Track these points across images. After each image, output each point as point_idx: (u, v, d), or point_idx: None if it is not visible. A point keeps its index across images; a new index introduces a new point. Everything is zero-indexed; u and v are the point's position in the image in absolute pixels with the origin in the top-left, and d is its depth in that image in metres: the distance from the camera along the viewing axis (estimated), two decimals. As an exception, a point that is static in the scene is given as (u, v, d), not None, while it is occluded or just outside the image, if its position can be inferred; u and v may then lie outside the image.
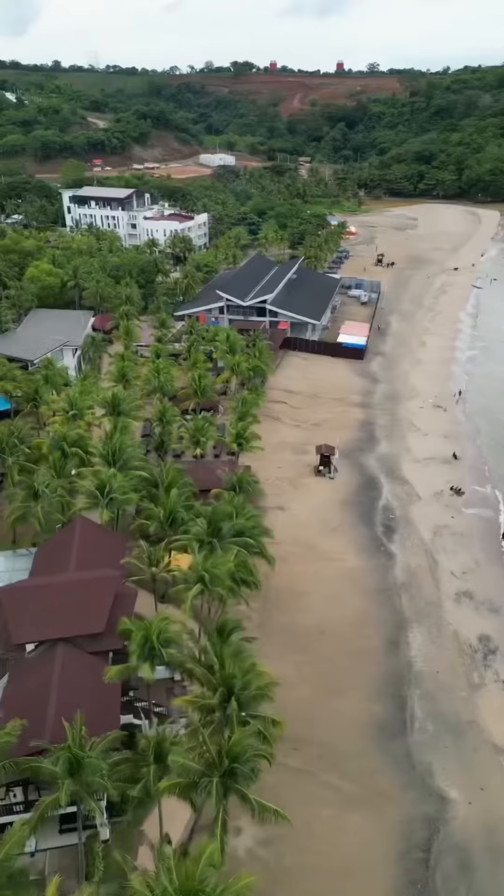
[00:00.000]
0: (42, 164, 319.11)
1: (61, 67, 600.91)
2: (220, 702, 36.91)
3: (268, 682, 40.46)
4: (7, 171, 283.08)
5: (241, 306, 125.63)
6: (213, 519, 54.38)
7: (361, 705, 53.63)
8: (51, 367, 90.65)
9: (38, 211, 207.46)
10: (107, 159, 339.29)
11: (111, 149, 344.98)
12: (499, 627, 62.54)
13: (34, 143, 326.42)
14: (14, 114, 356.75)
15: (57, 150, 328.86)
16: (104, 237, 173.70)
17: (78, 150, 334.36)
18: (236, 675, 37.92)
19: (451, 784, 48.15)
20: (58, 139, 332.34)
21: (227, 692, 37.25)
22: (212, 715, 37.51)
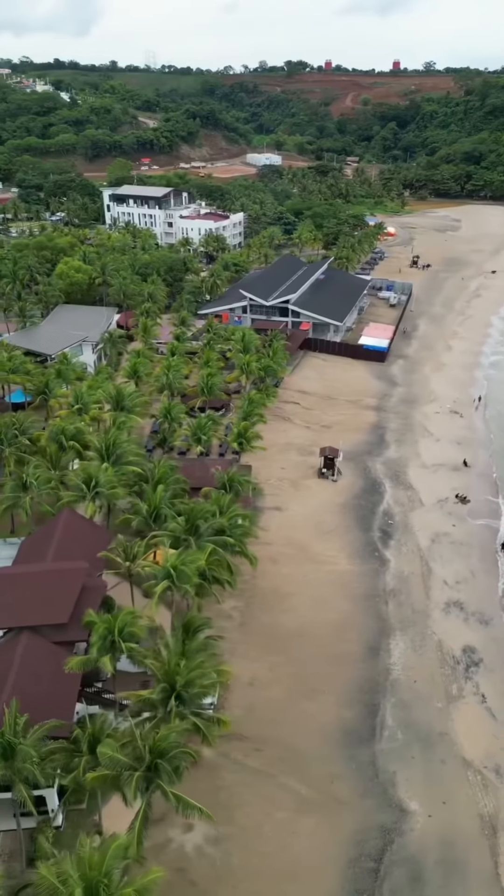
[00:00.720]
0: (92, 162, 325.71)
1: (118, 67, 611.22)
2: (160, 697, 37.18)
3: (214, 681, 40.32)
4: (57, 169, 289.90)
5: (264, 306, 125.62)
6: (191, 516, 54.72)
7: (332, 710, 53.22)
8: (65, 362, 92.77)
9: (80, 209, 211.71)
10: (155, 158, 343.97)
11: (159, 148, 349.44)
12: (486, 639, 61.19)
13: (84, 142, 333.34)
14: (67, 113, 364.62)
15: (106, 150, 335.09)
16: (140, 235, 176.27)
17: (127, 149, 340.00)
18: (180, 671, 38.09)
19: (413, 795, 47.39)
20: (107, 138, 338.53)
21: (169, 688, 37.51)
22: (155, 710, 37.82)
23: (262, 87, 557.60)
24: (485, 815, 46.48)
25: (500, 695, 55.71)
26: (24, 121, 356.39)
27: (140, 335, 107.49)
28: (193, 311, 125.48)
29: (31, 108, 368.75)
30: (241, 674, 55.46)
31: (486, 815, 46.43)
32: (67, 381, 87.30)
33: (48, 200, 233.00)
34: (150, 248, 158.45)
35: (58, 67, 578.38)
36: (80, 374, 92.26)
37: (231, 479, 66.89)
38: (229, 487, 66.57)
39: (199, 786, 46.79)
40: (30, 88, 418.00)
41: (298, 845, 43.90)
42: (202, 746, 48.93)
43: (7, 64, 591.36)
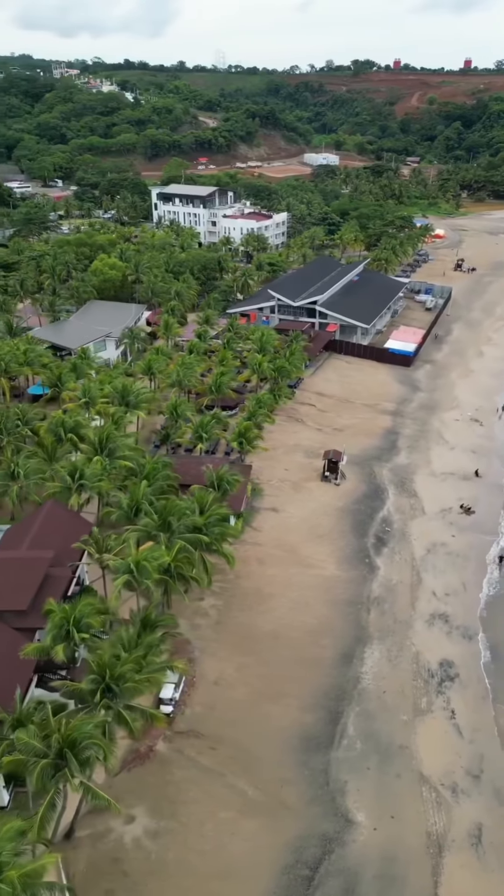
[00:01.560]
0: (151, 161, 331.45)
1: (185, 68, 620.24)
2: (89, 689, 37.88)
3: (147, 677, 40.74)
4: (115, 168, 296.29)
5: (291, 306, 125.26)
6: (163, 513, 55.29)
7: (293, 714, 52.88)
8: (83, 356, 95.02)
9: (130, 207, 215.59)
10: (212, 158, 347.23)
11: (217, 147, 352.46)
12: (466, 654, 59.61)
13: (144, 141, 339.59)
14: (130, 113, 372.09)
15: (165, 149, 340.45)
16: (182, 233, 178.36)
17: (185, 149, 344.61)
18: (113, 664, 38.68)
19: (361, 807, 46.70)
20: (167, 138, 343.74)
21: (100, 679, 38.17)
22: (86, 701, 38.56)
23: (328, 87, 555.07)
24: (433, 833, 45.41)
25: (471, 711, 54.25)
26: (88, 120, 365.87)
27: (162, 332, 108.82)
28: (221, 309, 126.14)
29: (95, 107, 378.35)
30: (207, 672, 56.04)
31: (434, 834, 45.35)
32: (82, 375, 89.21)
33: (101, 198, 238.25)
34: (188, 246, 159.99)
35: (127, 68, 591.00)
36: (96, 369, 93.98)
37: (220, 478, 67.21)
38: (217, 486, 66.96)
39: (148, 779, 47.67)
40: (96, 89, 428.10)
41: (236, 846, 43.89)
42: (159, 741, 50.23)
43: (81, 65, 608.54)
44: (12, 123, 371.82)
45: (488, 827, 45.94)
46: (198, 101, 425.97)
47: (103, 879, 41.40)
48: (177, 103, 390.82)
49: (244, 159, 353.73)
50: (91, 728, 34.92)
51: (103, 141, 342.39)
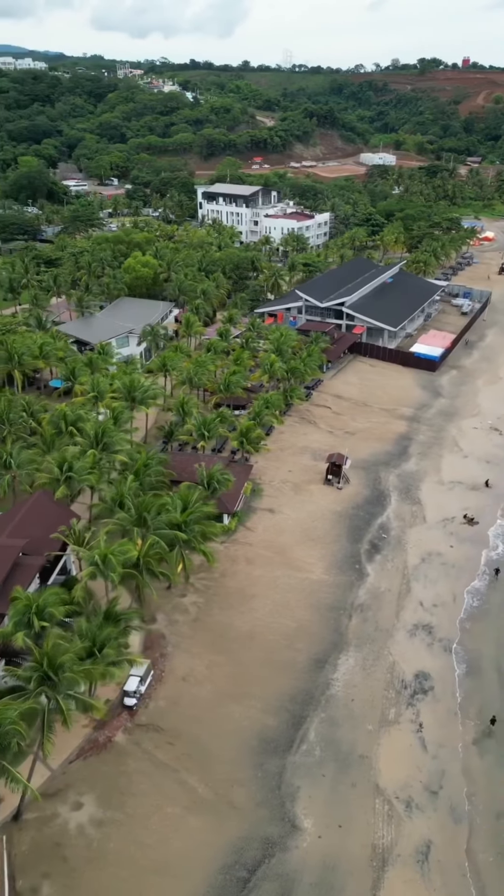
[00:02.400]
0: (206, 161, 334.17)
1: (249, 67, 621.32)
2: (26, 676, 38.85)
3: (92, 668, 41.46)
4: (169, 167, 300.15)
5: (318, 307, 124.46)
6: (139, 508, 56.03)
7: (256, 715, 52.81)
8: (102, 351, 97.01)
9: (177, 205, 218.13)
10: (267, 157, 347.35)
11: (272, 147, 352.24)
12: (444, 668, 58.27)
13: (200, 140, 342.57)
14: (189, 113, 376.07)
15: (221, 148, 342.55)
16: (224, 232, 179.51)
17: (240, 148, 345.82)
18: (56, 653, 39.57)
19: (310, 813, 46.36)
20: (222, 137, 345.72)
21: (38, 666, 39.10)
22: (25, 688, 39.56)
23: (392, 86, 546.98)
24: (379, 846, 44.70)
25: (439, 726, 53.05)
26: (147, 120, 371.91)
27: (183, 330, 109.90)
28: (249, 309, 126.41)
29: (155, 107, 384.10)
30: (177, 667, 56.54)
31: (381, 847, 44.63)
32: (97, 370, 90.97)
33: (150, 197, 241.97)
34: (226, 245, 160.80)
35: (193, 68, 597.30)
36: (113, 364, 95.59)
37: (210, 477, 67.60)
38: (207, 484, 67.40)
39: (102, 769, 48.51)
40: (157, 89, 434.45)
41: (178, 842, 44.23)
42: (118, 732, 50.99)
43: (149, 65, 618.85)
44: (75, 123, 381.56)
45: (437, 845, 44.91)
46: (257, 101, 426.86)
47: (42, 863, 42.40)
48: (235, 103, 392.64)
49: (299, 159, 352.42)
50: (14, 714, 35.78)
51: (161, 140, 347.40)
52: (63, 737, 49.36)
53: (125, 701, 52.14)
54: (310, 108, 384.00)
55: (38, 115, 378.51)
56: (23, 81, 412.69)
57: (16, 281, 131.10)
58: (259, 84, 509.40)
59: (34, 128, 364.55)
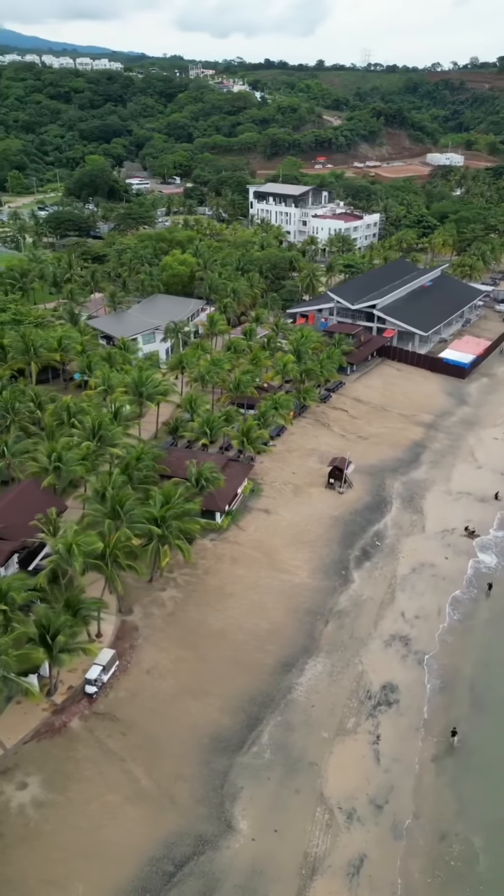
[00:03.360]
0: (269, 160, 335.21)
1: (324, 66, 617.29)
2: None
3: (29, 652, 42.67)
4: (231, 166, 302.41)
5: (350, 309, 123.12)
6: (114, 501, 57.10)
7: (212, 713, 53.01)
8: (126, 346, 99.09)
9: (229, 204, 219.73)
10: (331, 157, 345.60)
11: (337, 146, 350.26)
12: (413, 682, 56.98)
13: (264, 140, 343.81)
14: (255, 113, 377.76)
15: (285, 148, 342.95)
16: (270, 231, 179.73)
17: (304, 148, 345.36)
18: None
19: (248, 815, 46.28)
20: (287, 137, 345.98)
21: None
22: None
23: (469, 84, 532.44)
24: (312, 854, 44.24)
25: (398, 740, 51.96)
26: (214, 120, 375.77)
27: (207, 328, 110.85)
28: (281, 308, 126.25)
29: (223, 107, 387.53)
30: (143, 660, 57.35)
31: (313, 855, 44.16)
32: (115, 365, 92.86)
33: (206, 196, 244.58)
34: (268, 245, 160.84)
35: (267, 67, 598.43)
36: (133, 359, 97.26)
37: (199, 474, 68.14)
38: (196, 482, 67.99)
39: (53, 752, 49.77)
40: (227, 89, 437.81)
41: (112, 831, 44.97)
42: (75, 718, 52.18)
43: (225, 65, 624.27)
44: (145, 123, 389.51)
45: (372, 860, 44.08)
46: (325, 101, 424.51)
47: (-22, 837, 43.92)
48: (302, 102, 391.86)
49: (363, 159, 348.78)
50: None
51: (226, 140, 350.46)
52: (21, 718, 51.24)
53: (86, 688, 53.28)
54: (378, 108, 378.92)
55: (109, 115, 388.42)
56: (98, 82, 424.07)
57: (59, 276, 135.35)
58: (332, 84, 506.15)
59: (105, 127, 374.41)
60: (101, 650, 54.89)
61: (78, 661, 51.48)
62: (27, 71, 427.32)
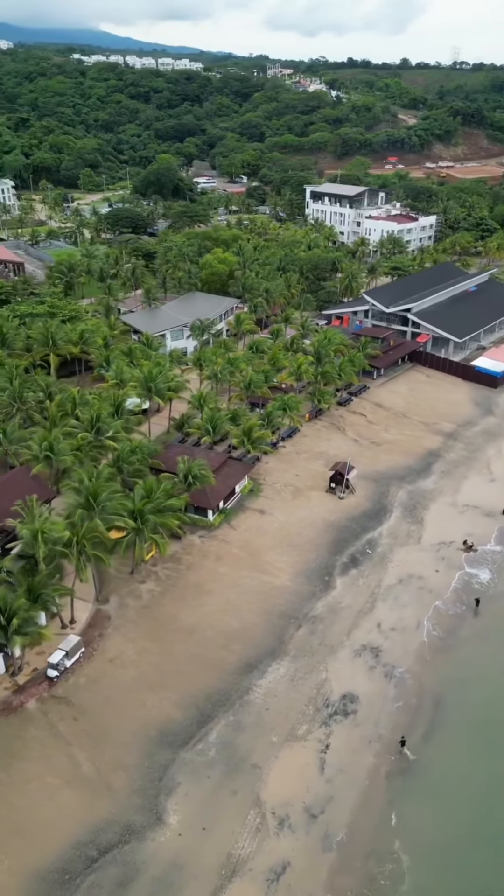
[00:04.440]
0: (340, 160, 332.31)
1: (408, 65, 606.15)
2: None
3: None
4: (299, 166, 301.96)
5: (384, 312, 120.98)
6: (88, 492, 58.48)
7: (166, 707, 53.59)
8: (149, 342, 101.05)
9: (287, 204, 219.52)
10: (403, 157, 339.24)
11: (410, 146, 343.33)
12: (376, 694, 55.83)
13: (335, 140, 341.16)
14: (329, 112, 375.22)
15: (356, 148, 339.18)
16: (322, 231, 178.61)
17: (376, 148, 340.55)
18: None
19: (180, 811, 46.63)
20: (358, 136, 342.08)
21: None
22: None
23: None
24: (235, 856, 44.18)
25: (347, 751, 51.10)
26: (287, 119, 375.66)
27: (234, 327, 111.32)
28: (314, 309, 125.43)
29: (297, 106, 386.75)
30: (109, 648, 58.58)
31: (236, 857, 44.10)
32: (135, 360, 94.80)
33: (268, 195, 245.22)
34: (315, 245, 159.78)
35: (350, 66, 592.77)
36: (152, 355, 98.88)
37: (189, 471, 68.82)
38: (185, 478, 68.73)
39: (3, 730, 51.62)
40: (303, 88, 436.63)
41: (45, 811, 46.23)
42: (32, 700, 53.89)
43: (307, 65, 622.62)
44: (219, 122, 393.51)
45: (295, 868, 43.63)
46: (402, 100, 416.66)
47: None
48: (378, 102, 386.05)
49: (437, 159, 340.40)
50: None
51: (297, 139, 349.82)
52: (-18, 694, 53.40)
53: (48, 672, 54.91)
54: (456, 107, 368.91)
55: (185, 115, 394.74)
56: (176, 81, 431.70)
57: (105, 271, 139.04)
58: (415, 82, 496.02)
59: (180, 126, 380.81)
60: (66, 636, 56.44)
61: (32, 643, 53.13)
62: (110, 71, 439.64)
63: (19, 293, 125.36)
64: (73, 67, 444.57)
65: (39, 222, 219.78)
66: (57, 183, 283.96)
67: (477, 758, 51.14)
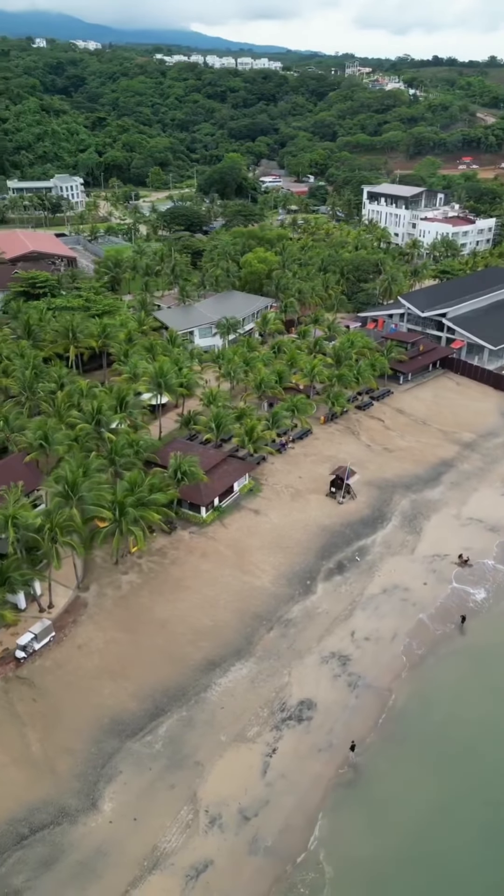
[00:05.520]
0: (411, 160, 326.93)
1: (496, 63, 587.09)
2: None
3: None
4: (368, 165, 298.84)
5: (419, 317, 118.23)
6: (67, 483, 60.06)
7: (122, 697, 54.49)
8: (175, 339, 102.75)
9: (345, 204, 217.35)
10: (478, 157, 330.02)
11: (486, 146, 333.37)
12: (334, 704, 54.98)
13: (408, 139, 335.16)
14: (404, 111, 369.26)
15: (429, 147, 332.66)
16: (374, 232, 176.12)
17: (450, 147, 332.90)
18: None
19: (116, 799, 47.45)
20: (432, 136, 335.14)
21: None
22: None
23: None
24: (160, 849, 44.63)
25: (294, 757, 50.64)
26: (361, 118, 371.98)
27: (260, 326, 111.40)
28: (350, 311, 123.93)
29: (371, 105, 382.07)
30: (80, 635, 60.02)
31: (161, 850, 44.54)
32: (154, 354, 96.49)
33: (329, 195, 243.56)
34: (362, 246, 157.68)
35: (435, 64, 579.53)
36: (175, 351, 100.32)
37: (178, 467, 69.59)
38: (174, 473, 69.57)
39: (-37, 705, 53.71)
40: (379, 86, 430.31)
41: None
42: (0, 680, 55.89)
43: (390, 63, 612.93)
44: (292, 121, 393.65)
45: (216, 868, 43.69)
46: (483, 98, 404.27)
47: None
48: (456, 100, 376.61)
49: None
50: None
51: (369, 138, 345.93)
52: (-47, 669, 55.81)
53: (16, 653, 56.86)
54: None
55: (259, 114, 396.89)
56: (253, 81, 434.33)
57: (150, 268, 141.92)
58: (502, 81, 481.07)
59: (253, 126, 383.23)
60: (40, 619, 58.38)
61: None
62: (189, 71, 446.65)
63: (63, 286, 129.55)
64: (154, 67, 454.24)
65: (102, 218, 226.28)
66: (126, 181, 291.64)
67: (424, 779, 49.62)
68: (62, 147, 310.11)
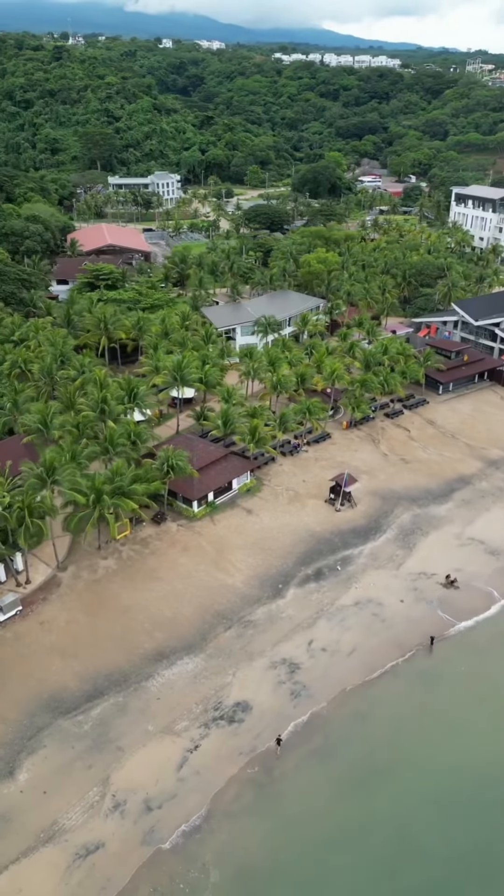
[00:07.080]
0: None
1: None
2: None
3: None
4: (475, 166, 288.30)
5: (472, 325, 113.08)
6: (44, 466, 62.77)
7: (66, 676, 56.39)
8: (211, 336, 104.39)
9: (434, 205, 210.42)
10: None
11: None
12: (271, 710, 54.45)
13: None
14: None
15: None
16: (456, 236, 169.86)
17: None
18: None
19: (32, 770, 49.43)
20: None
21: None
22: None
23: None
24: (59, 824, 46.14)
25: (214, 756, 50.75)
26: (476, 117, 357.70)
27: (299, 325, 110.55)
28: (404, 315, 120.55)
29: (488, 103, 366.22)
30: (44, 612, 62.75)
31: (59, 825, 46.04)
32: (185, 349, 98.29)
33: (421, 195, 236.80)
34: (436, 250, 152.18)
35: None
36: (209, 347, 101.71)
37: (167, 460, 70.87)
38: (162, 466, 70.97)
39: None
40: (500, 83, 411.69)
41: None
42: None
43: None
44: (403, 120, 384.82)
45: (106, 851, 44.70)
46: None
47: None
48: None
49: None
50: None
51: (481, 138, 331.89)
52: None
53: (-20, 622, 60.37)
54: None
55: (370, 113, 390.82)
56: (368, 79, 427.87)
57: (216, 265, 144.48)
58: None
59: (362, 124, 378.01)
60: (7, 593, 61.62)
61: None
62: (305, 70, 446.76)
63: (127, 280, 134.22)
64: (270, 66, 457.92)
65: (191, 215, 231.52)
66: (225, 178, 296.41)
67: (338, 799, 48.26)
68: (168, 145, 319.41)
